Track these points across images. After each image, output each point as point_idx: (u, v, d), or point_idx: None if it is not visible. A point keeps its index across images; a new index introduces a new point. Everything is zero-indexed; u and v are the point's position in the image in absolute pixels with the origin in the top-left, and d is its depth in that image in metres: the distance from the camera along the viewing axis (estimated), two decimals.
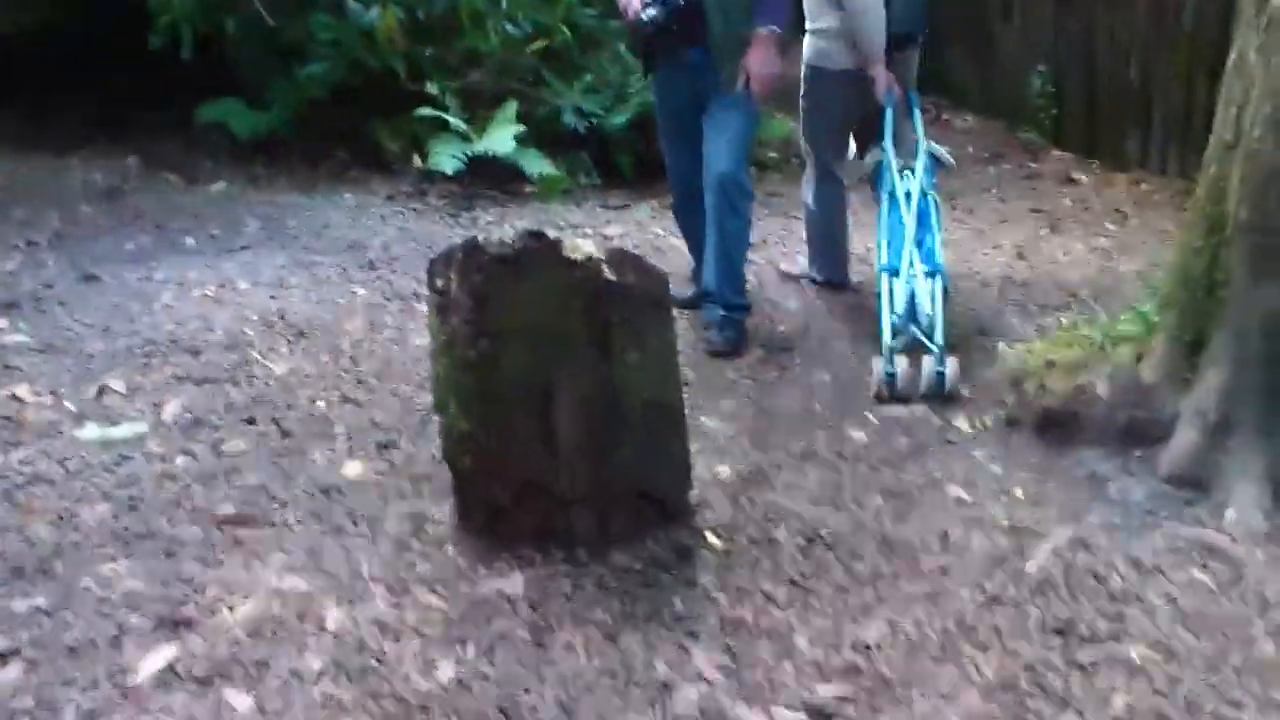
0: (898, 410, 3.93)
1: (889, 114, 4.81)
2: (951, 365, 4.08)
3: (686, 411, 3.32)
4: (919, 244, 4.49)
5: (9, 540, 3.05)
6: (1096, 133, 7.22)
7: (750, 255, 4.88)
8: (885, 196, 4.74)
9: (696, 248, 4.82)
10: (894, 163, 4.73)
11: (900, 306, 4.27)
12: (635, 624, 2.74)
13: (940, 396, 4.02)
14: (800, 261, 5.33)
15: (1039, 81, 7.55)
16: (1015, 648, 2.67)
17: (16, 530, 3.10)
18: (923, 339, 4.17)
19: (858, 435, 3.76)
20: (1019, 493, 3.36)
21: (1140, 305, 3.87)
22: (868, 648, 2.68)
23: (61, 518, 3.17)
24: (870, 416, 3.90)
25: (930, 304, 4.26)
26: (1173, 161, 6.61)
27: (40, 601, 2.80)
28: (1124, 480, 3.33)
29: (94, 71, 7.85)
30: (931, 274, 4.36)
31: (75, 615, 2.75)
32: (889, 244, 4.57)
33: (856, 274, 5.32)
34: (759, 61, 4.36)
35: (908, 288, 4.31)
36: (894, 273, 4.43)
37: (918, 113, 5.03)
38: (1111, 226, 5.99)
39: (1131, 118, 6.89)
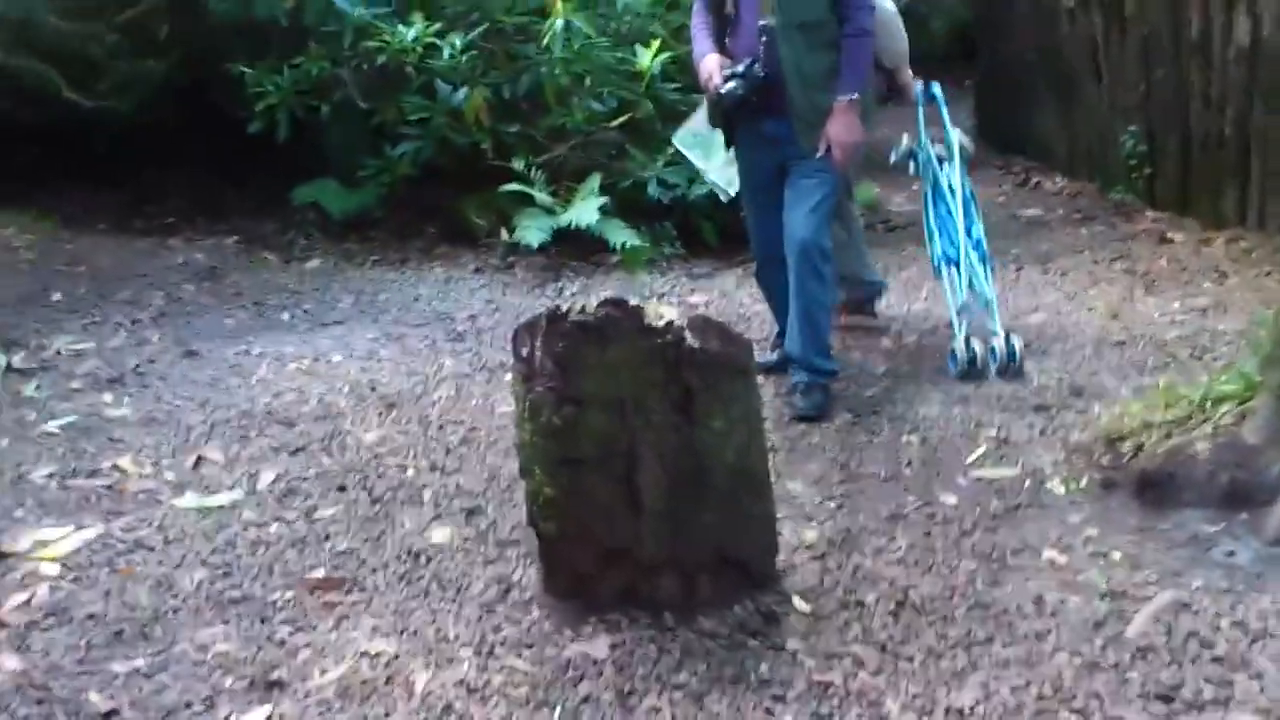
0: (990, 472, 3.87)
1: (921, 113, 5.34)
2: (1018, 340, 4.64)
3: (772, 477, 3.30)
4: (968, 232, 4.95)
5: (111, 604, 3.12)
6: (1191, 191, 7.10)
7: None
8: (929, 190, 5.25)
9: (779, 312, 4.82)
10: (933, 157, 5.20)
11: (964, 292, 4.80)
12: (722, 688, 2.71)
13: (1018, 371, 4.62)
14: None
15: (1130, 141, 7.47)
16: (1117, 714, 2.59)
17: (118, 594, 3.18)
18: (987, 322, 4.75)
19: (948, 498, 3.70)
20: (1117, 556, 3.27)
21: (1241, 364, 3.78)
22: (961, 713, 2.62)
23: (160, 583, 3.24)
24: (961, 480, 3.84)
25: (987, 287, 4.82)
26: (1272, 218, 6.45)
27: (139, 664, 2.86)
28: (1228, 543, 3.23)
29: (195, 154, 8.13)
30: (984, 259, 4.89)
31: (172, 677, 2.81)
32: (941, 234, 5.06)
33: (942, 337, 5.28)
34: (840, 129, 4.36)
35: (966, 274, 4.83)
36: (952, 262, 4.88)
37: (944, 107, 5.45)
38: (1209, 285, 5.87)
39: (1228, 174, 6.76)
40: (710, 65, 4.48)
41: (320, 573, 3.28)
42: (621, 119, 6.91)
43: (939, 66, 13.20)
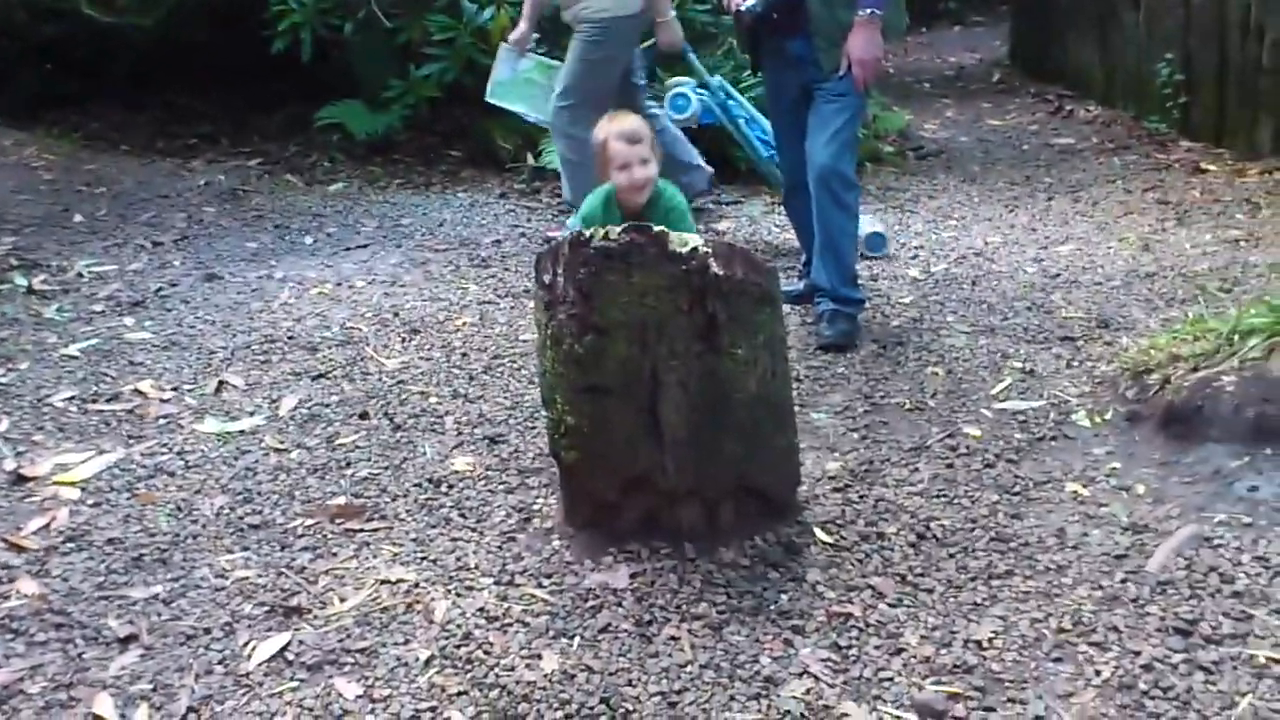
0: (1014, 404, 3.83)
1: (692, 55, 5.82)
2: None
3: (796, 406, 3.27)
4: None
5: (130, 530, 3.13)
6: (1227, 121, 6.97)
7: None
8: (737, 120, 5.90)
9: (806, 241, 4.78)
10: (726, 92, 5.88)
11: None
12: (741, 619, 2.71)
13: None
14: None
15: (1166, 70, 7.32)
16: (1135, 648, 2.57)
17: (137, 520, 3.19)
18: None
19: (972, 430, 3.67)
20: (1140, 489, 3.24)
21: (1270, 297, 3.71)
22: (980, 645, 2.61)
23: (180, 509, 3.25)
24: (985, 411, 3.80)
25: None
26: None
27: (158, 590, 2.87)
28: (1252, 477, 3.18)
29: (217, 74, 8.08)
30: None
31: (191, 603, 2.82)
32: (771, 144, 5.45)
33: (970, 267, 5.22)
34: (860, 46, 4.25)
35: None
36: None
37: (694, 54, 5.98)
38: (1242, 217, 5.78)
39: (1265, 104, 6.63)
40: None
41: (341, 500, 3.29)
42: (650, 41, 6.81)
43: None
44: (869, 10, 4.23)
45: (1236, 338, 3.55)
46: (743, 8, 4.34)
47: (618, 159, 3.80)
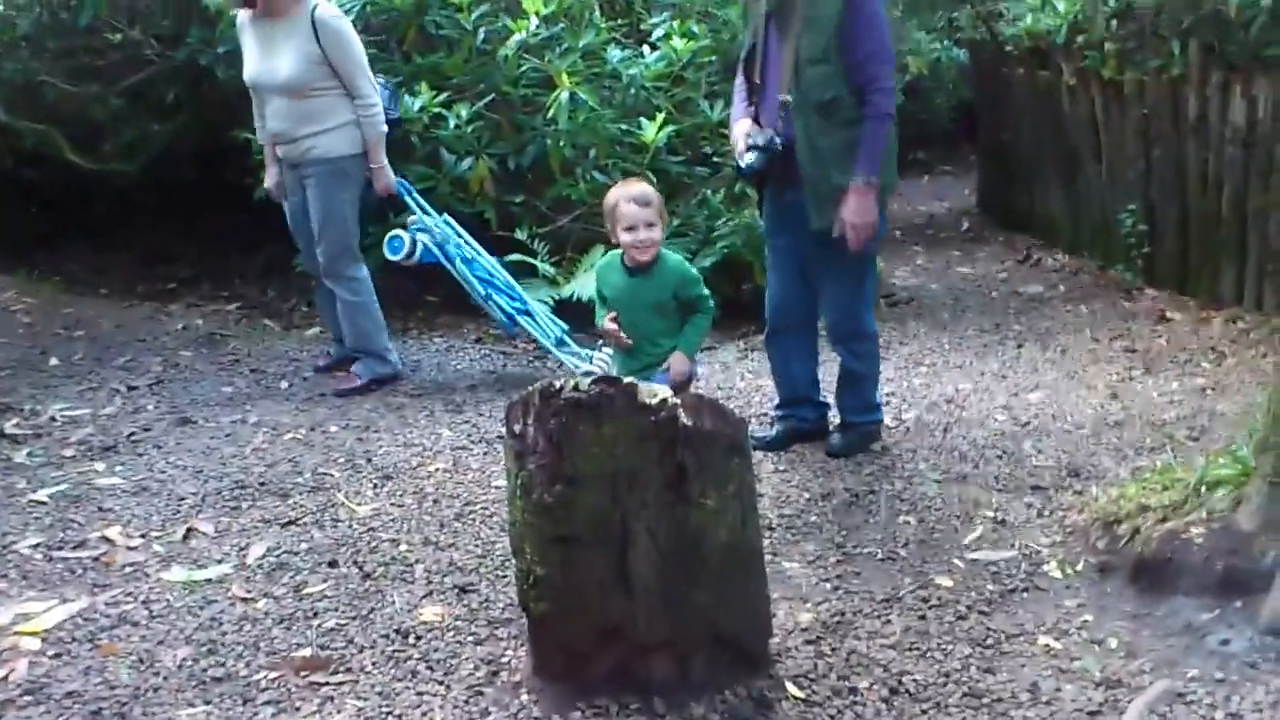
0: (986, 554, 3.83)
1: (409, 196, 6.00)
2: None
3: (768, 555, 3.27)
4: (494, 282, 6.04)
5: (90, 682, 3.07)
6: (1190, 270, 7.12)
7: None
8: (460, 266, 5.95)
9: (783, 382, 4.90)
10: (449, 236, 5.97)
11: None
12: None
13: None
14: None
15: (1130, 219, 7.50)
16: None
17: (99, 672, 3.13)
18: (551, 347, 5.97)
19: (944, 580, 3.66)
20: (1112, 643, 3.23)
21: (1236, 448, 3.75)
22: None
23: (142, 660, 3.19)
24: (958, 561, 3.80)
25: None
26: (1270, 297, 6.48)
27: None
28: (1223, 631, 3.18)
29: (197, 217, 8.19)
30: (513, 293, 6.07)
31: None
32: (498, 294, 6.00)
33: (942, 414, 5.26)
34: (853, 211, 4.34)
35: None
36: (524, 312, 6.01)
37: (415, 195, 6.11)
38: (1207, 365, 5.86)
39: (1226, 254, 6.79)
40: (738, 133, 4.55)
41: (307, 651, 3.24)
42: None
43: (941, 142, 13.44)
44: (863, 178, 4.32)
45: (1204, 488, 3.57)
46: (743, 164, 4.46)
47: (625, 220, 4.24)
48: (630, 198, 4.27)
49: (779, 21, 4.42)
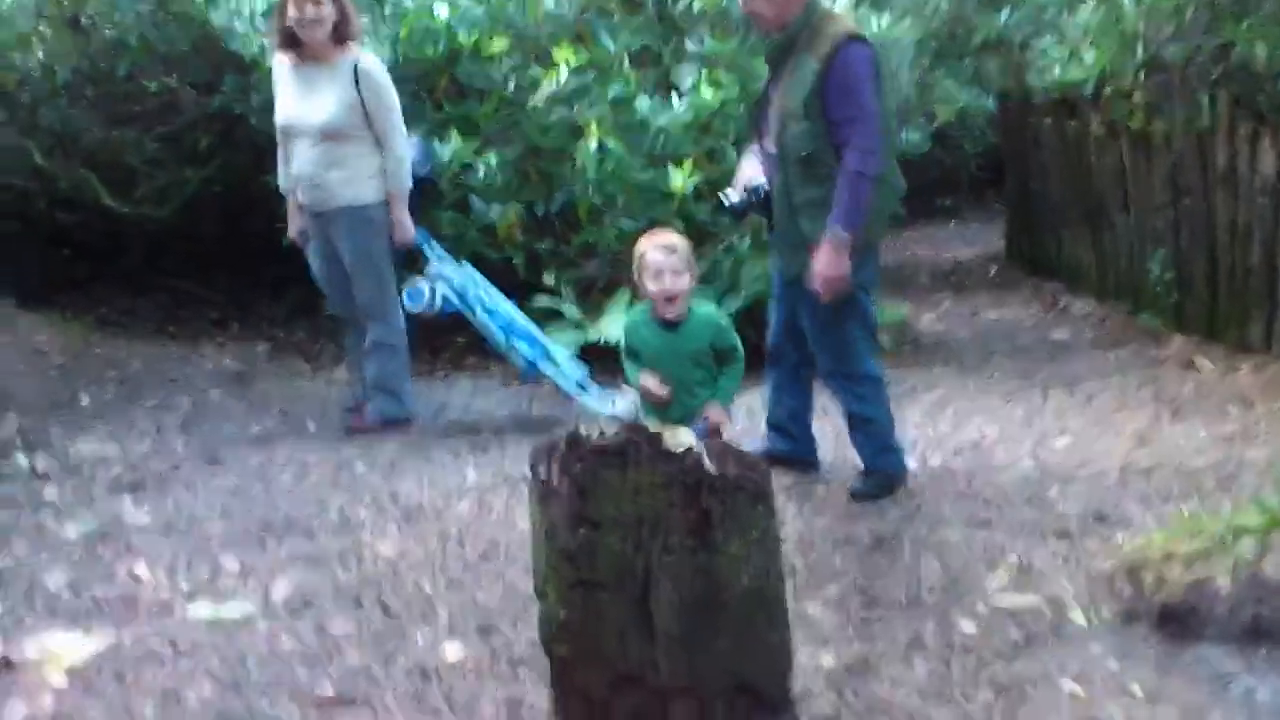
0: (1011, 600, 3.81)
1: (428, 246, 6.06)
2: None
3: (791, 599, 3.26)
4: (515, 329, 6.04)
5: (115, 718, 3.10)
6: (1219, 317, 7.08)
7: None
8: (481, 317, 6.00)
9: (770, 405, 5.10)
10: (470, 286, 6.01)
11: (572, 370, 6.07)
12: None
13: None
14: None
15: (1157, 267, 7.48)
16: None
17: (123, 708, 3.15)
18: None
19: (967, 626, 3.65)
20: (1137, 690, 3.21)
21: (1264, 497, 3.73)
22: None
23: (167, 696, 3.22)
24: (981, 607, 3.78)
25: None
26: None
27: None
28: (1248, 680, 3.16)
29: (227, 260, 8.29)
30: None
31: None
32: (520, 342, 6.03)
33: (967, 459, 5.25)
34: (822, 263, 4.39)
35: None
36: (547, 358, 5.99)
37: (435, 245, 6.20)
38: (1235, 412, 5.82)
39: (1254, 302, 6.75)
40: (738, 175, 4.74)
41: (329, 690, 3.26)
42: None
43: (969, 189, 13.46)
44: (833, 231, 4.35)
45: (1231, 537, 3.55)
46: (724, 200, 4.64)
47: (652, 268, 4.23)
48: (657, 246, 4.32)
49: (773, 73, 4.57)
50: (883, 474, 4.80)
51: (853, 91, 4.32)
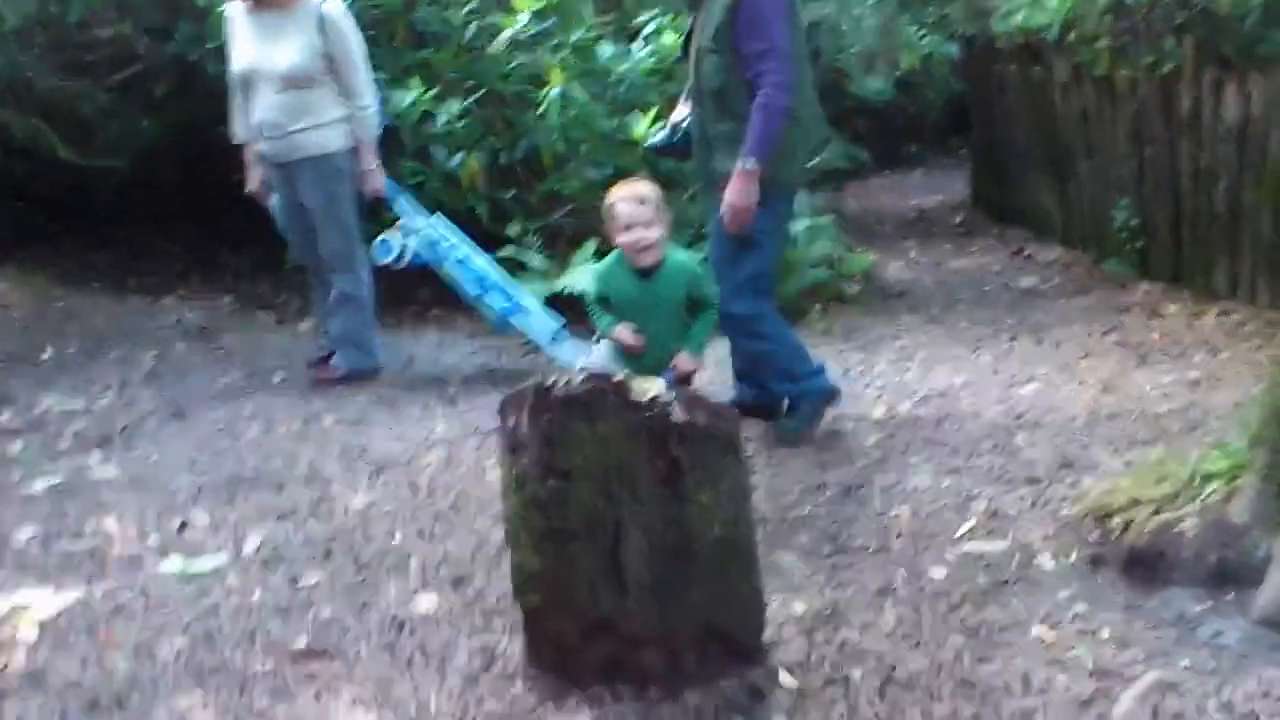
0: (979, 546, 3.85)
1: (400, 197, 5.98)
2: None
3: (761, 548, 3.28)
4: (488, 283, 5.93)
5: (88, 672, 3.08)
6: (1183, 264, 7.14)
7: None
8: (453, 268, 5.88)
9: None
10: (439, 238, 5.89)
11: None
12: None
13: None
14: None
15: (1123, 214, 7.52)
16: None
17: (95, 662, 3.14)
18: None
19: (937, 572, 3.68)
20: (1105, 634, 3.25)
21: (1230, 441, 3.77)
22: None
23: (139, 650, 3.20)
24: (950, 553, 3.82)
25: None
26: (1263, 291, 6.49)
27: None
28: (1215, 622, 3.20)
29: (193, 213, 8.18)
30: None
31: None
32: (490, 293, 5.90)
33: (934, 407, 5.27)
34: (731, 192, 4.41)
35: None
36: (518, 311, 5.88)
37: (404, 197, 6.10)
38: (1201, 358, 5.87)
39: (1219, 248, 6.80)
40: (673, 115, 4.90)
41: (302, 642, 3.25)
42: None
43: (933, 136, 13.45)
44: (744, 162, 4.38)
45: (1197, 481, 3.59)
46: (646, 144, 4.89)
47: (621, 219, 4.23)
48: (626, 197, 4.30)
49: (696, 9, 4.63)
50: (805, 404, 4.79)
51: (762, 25, 4.34)
